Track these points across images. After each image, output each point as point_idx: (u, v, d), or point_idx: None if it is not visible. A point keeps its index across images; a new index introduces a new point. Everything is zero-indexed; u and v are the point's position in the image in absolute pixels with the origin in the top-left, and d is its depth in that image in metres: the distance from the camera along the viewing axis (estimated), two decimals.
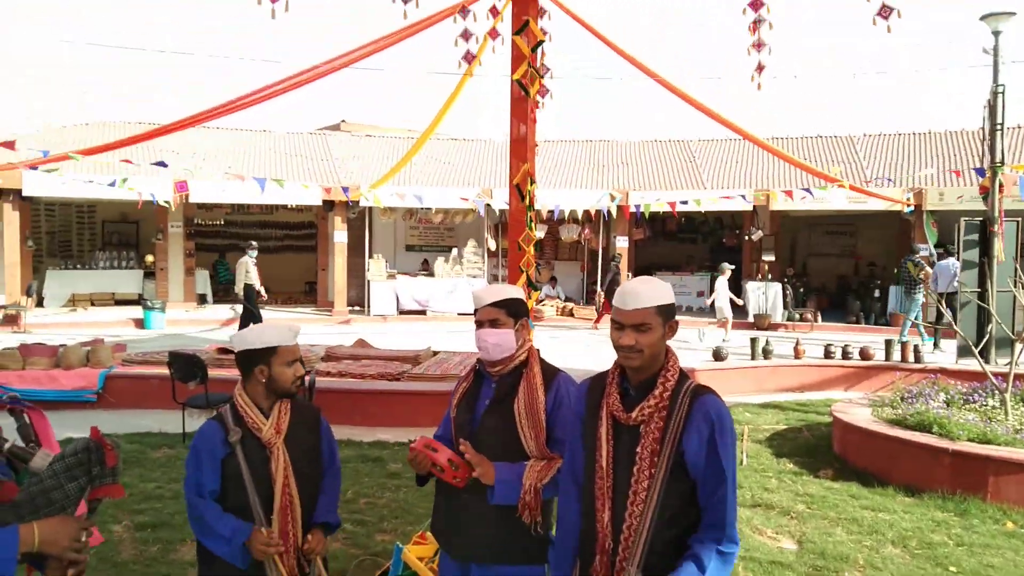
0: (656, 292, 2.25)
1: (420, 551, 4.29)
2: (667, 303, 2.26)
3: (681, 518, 2.18)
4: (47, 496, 2.18)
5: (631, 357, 2.23)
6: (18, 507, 2.13)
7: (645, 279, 2.32)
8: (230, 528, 2.69)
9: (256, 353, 2.78)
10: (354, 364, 9.89)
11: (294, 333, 2.86)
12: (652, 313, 2.22)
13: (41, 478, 2.19)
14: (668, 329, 2.26)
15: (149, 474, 6.52)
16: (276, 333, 2.81)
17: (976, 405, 7.21)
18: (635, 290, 2.24)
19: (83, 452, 2.24)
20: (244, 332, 2.85)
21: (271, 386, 2.80)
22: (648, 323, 2.22)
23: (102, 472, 2.25)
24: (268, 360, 2.77)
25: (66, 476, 2.20)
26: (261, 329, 2.84)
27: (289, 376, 2.80)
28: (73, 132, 18.24)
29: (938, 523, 5.64)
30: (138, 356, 10.00)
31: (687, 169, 20.27)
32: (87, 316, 16.74)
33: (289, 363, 2.80)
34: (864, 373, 10.97)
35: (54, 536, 2.00)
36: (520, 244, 8.26)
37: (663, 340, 2.25)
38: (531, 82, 7.97)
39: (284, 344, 2.80)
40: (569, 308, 19.32)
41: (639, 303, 2.22)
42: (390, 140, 21.76)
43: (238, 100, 8.92)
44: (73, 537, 2.04)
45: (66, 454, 2.24)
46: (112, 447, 2.27)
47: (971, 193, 15.02)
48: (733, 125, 10.38)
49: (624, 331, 2.24)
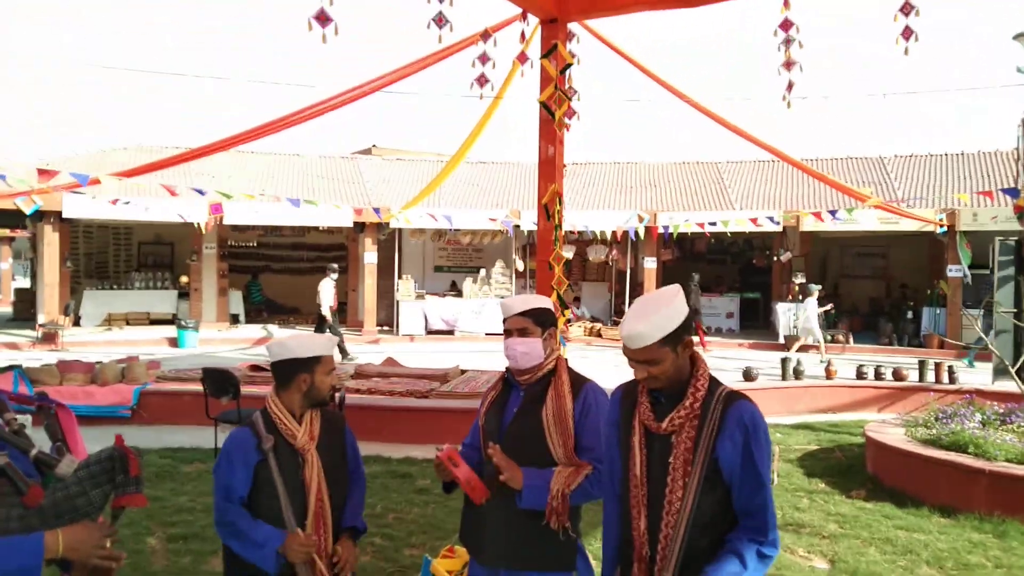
0: (656, 326, 2.18)
1: (448, 564, 4.30)
2: (671, 331, 2.19)
3: (716, 526, 2.18)
4: (72, 502, 2.21)
5: (650, 382, 2.25)
6: (43, 512, 2.16)
7: (643, 309, 2.24)
8: (263, 533, 2.70)
9: (300, 362, 2.81)
10: (383, 382, 9.96)
11: (333, 344, 2.95)
12: (656, 348, 2.19)
13: (66, 484, 2.22)
14: (682, 348, 2.22)
15: (181, 488, 6.61)
16: (318, 343, 2.87)
17: (1013, 426, 7.06)
18: (635, 331, 2.19)
19: (107, 460, 2.28)
20: (285, 340, 2.87)
21: (311, 394, 2.83)
22: (655, 358, 2.20)
23: (126, 480, 2.27)
24: (312, 368, 2.81)
25: (91, 483, 2.24)
26: (303, 339, 2.88)
27: (328, 385, 2.87)
28: (112, 156, 18.69)
29: (975, 544, 5.52)
30: (172, 373, 10.16)
31: (716, 190, 20.22)
32: (122, 335, 17.05)
33: (328, 372, 2.86)
34: (897, 394, 10.80)
35: (78, 543, 2.02)
36: (551, 263, 8.33)
37: (678, 361, 2.23)
38: (559, 104, 8.08)
39: (326, 354, 2.87)
40: (597, 329, 19.27)
41: (641, 342, 2.19)
42: (419, 164, 22.00)
43: (272, 123, 9.14)
44: (97, 544, 2.06)
45: (91, 461, 2.27)
46: (135, 456, 2.30)
47: (1006, 213, 14.81)
48: (764, 144, 10.40)
49: (637, 365, 2.25)
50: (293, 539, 2.71)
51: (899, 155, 20.13)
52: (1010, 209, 12.58)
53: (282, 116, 9.06)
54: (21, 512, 2.14)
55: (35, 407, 2.49)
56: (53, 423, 2.51)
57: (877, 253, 21.21)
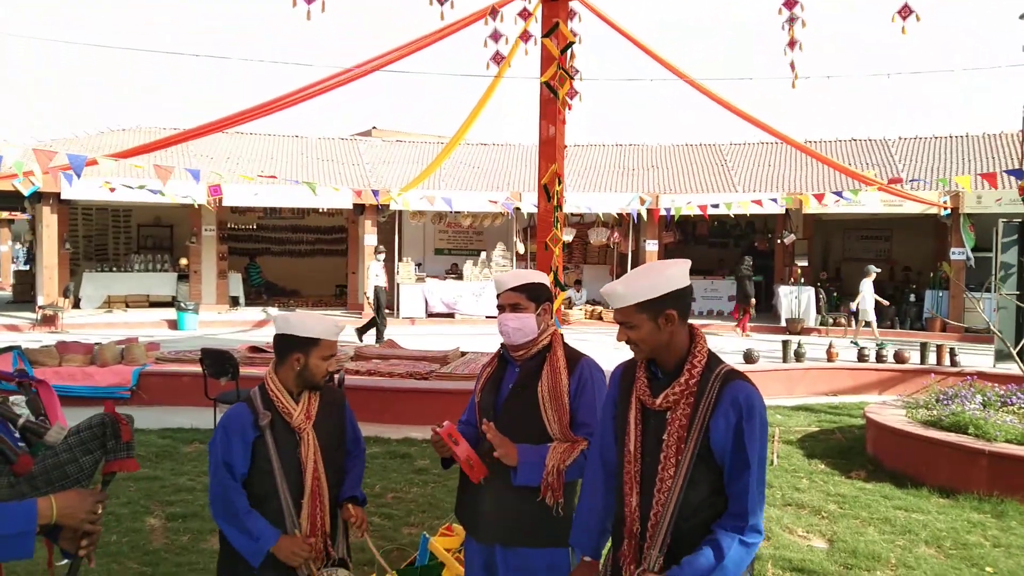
0: (635, 290, 2.18)
1: (447, 542, 4.30)
2: (649, 299, 2.17)
3: (708, 505, 2.15)
4: (62, 469, 2.20)
5: (634, 351, 2.26)
6: (33, 479, 2.16)
7: (634, 273, 2.26)
8: (260, 527, 2.67)
9: (297, 340, 2.75)
10: (383, 363, 9.95)
11: (338, 329, 2.85)
12: (632, 311, 2.19)
13: (56, 452, 2.21)
14: (663, 321, 2.18)
15: (180, 467, 6.62)
16: (321, 325, 2.78)
17: (1014, 407, 7.04)
18: (614, 290, 2.21)
19: (98, 426, 2.26)
20: (290, 315, 2.82)
21: (303, 375, 2.78)
22: (631, 321, 2.20)
23: (117, 446, 2.26)
24: (307, 350, 2.75)
25: (81, 450, 2.23)
26: (306, 318, 2.81)
27: (323, 370, 2.79)
28: (110, 137, 18.61)
29: (974, 524, 5.51)
30: (171, 354, 10.15)
31: (718, 172, 20.12)
32: (122, 317, 17.05)
33: (326, 357, 2.78)
34: (899, 377, 10.78)
35: (71, 509, 2.03)
36: (547, 244, 8.28)
37: (659, 332, 2.19)
38: (560, 84, 8.00)
39: (326, 338, 2.78)
40: (598, 311, 19.24)
41: (617, 303, 2.22)
42: (420, 145, 21.90)
43: (270, 103, 9.06)
44: (89, 510, 2.07)
45: (81, 428, 2.26)
46: (126, 422, 2.28)
47: (1010, 195, 14.73)
48: (766, 126, 10.29)
49: (619, 327, 2.26)
50: (288, 541, 2.68)
51: (903, 137, 20.02)
52: (1014, 191, 12.50)
53: (281, 96, 8.98)
54: (11, 480, 2.13)
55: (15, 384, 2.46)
56: (35, 400, 2.49)
57: (880, 236, 21.12)
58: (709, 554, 2.07)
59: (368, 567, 4.40)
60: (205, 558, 4.68)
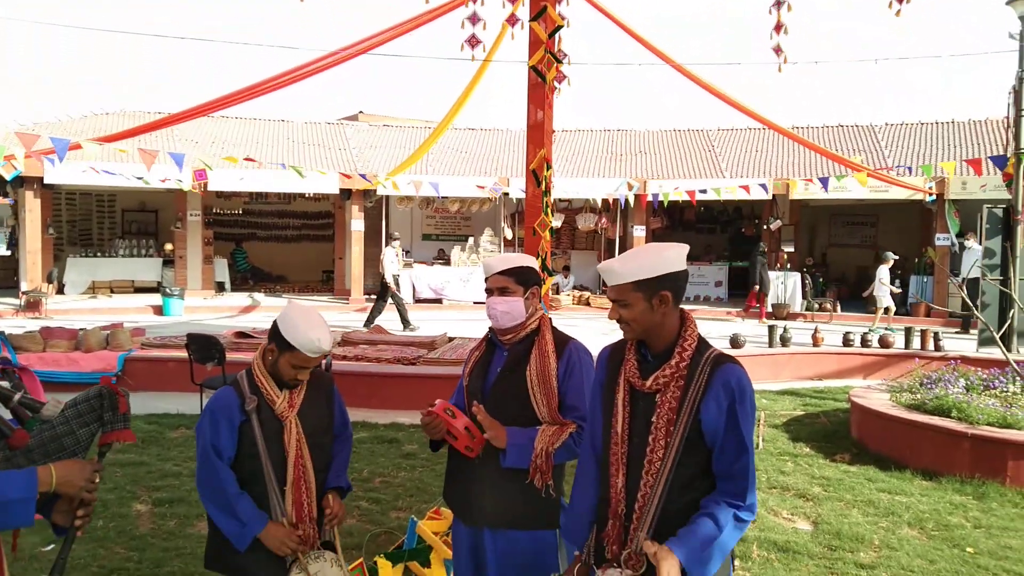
0: (632, 268, 2.19)
1: (434, 526, 4.32)
2: (645, 277, 2.17)
3: (695, 487, 2.17)
4: (59, 442, 2.23)
5: (624, 330, 2.25)
6: (30, 452, 2.18)
7: (632, 252, 2.27)
8: (248, 512, 2.67)
9: (278, 335, 2.72)
10: (370, 349, 9.94)
11: (319, 349, 2.70)
12: (628, 289, 2.19)
13: (53, 425, 2.23)
14: (657, 302, 2.18)
15: (167, 453, 6.60)
16: (304, 337, 2.67)
17: (996, 391, 7.12)
18: (611, 267, 2.22)
19: (95, 398, 2.29)
20: (290, 309, 2.74)
21: (272, 369, 2.76)
22: (625, 299, 2.20)
23: (113, 418, 2.29)
24: (282, 350, 2.71)
25: (78, 422, 2.26)
26: (299, 322, 2.70)
27: (291, 374, 2.74)
28: (93, 121, 18.40)
29: (956, 506, 5.59)
30: (157, 340, 10.10)
31: (706, 158, 20.13)
32: (107, 303, 16.91)
33: (295, 366, 2.73)
34: (883, 361, 10.87)
35: (70, 477, 2.07)
36: (535, 229, 8.28)
37: (651, 313, 2.19)
38: (548, 68, 7.96)
39: (302, 351, 2.68)
40: (585, 297, 19.27)
41: (613, 280, 2.22)
42: (407, 130, 21.76)
43: (256, 87, 8.98)
44: (88, 479, 2.10)
45: (78, 401, 2.28)
46: (123, 394, 2.32)
47: (994, 181, 14.81)
48: (752, 112, 10.31)
49: (612, 305, 2.26)
50: (276, 529, 2.68)
51: (889, 123, 20.07)
52: (999, 177, 12.57)
53: (266, 79, 8.90)
54: (7, 454, 2.16)
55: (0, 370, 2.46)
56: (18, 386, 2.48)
57: (866, 222, 21.22)
58: (708, 524, 2.08)
59: (356, 551, 4.41)
60: (192, 543, 4.67)
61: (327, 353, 2.80)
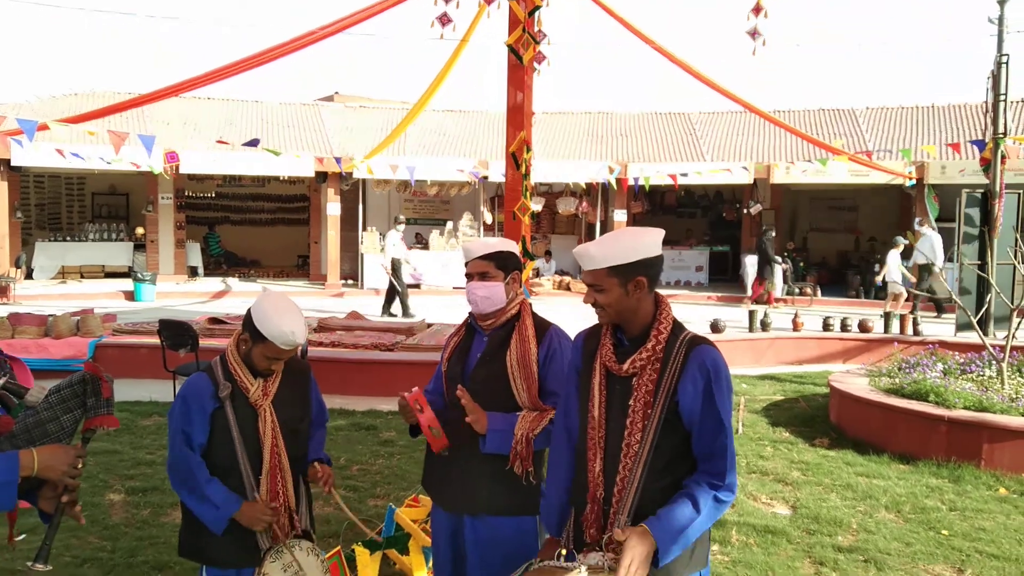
0: (607, 253, 2.18)
1: (413, 513, 4.27)
2: (620, 263, 2.16)
3: (673, 469, 2.16)
4: (43, 427, 2.25)
5: (600, 315, 2.25)
6: (14, 438, 2.19)
7: (608, 237, 2.25)
8: (221, 495, 2.63)
9: (251, 326, 2.66)
10: (347, 335, 9.83)
11: (293, 341, 2.63)
12: (603, 275, 2.19)
13: (36, 411, 2.25)
14: (633, 287, 2.17)
15: (140, 441, 6.49)
16: (278, 329, 2.59)
17: (973, 375, 7.17)
18: (587, 252, 2.22)
19: (78, 384, 2.31)
20: (263, 300, 2.67)
21: (246, 358, 2.71)
22: (600, 284, 2.20)
23: (97, 403, 2.32)
24: (255, 340, 2.65)
25: (61, 408, 2.27)
26: (272, 314, 2.62)
27: (264, 364, 2.69)
28: (63, 102, 18.01)
29: (932, 489, 5.62)
30: (128, 326, 9.92)
31: (687, 141, 20.11)
32: (77, 288, 16.64)
33: (268, 357, 2.67)
34: (863, 346, 10.93)
35: (52, 461, 2.08)
36: (515, 213, 8.18)
37: (626, 298, 2.18)
38: (527, 48, 7.84)
39: (275, 343, 2.62)
40: (566, 282, 19.24)
41: (589, 264, 2.22)
42: (384, 111, 21.51)
43: (229, 67, 8.78)
44: (70, 463, 2.11)
45: (61, 386, 2.30)
46: (107, 379, 2.33)
47: (973, 166, 14.91)
48: (735, 96, 10.25)
49: (587, 289, 2.26)
50: (250, 507, 2.64)
51: (870, 107, 20.16)
52: (977, 162, 12.65)
53: (240, 60, 8.70)
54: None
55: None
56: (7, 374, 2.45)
57: (846, 207, 21.34)
58: (687, 505, 2.07)
59: (333, 539, 4.35)
60: (166, 532, 4.59)
61: (300, 344, 2.73)
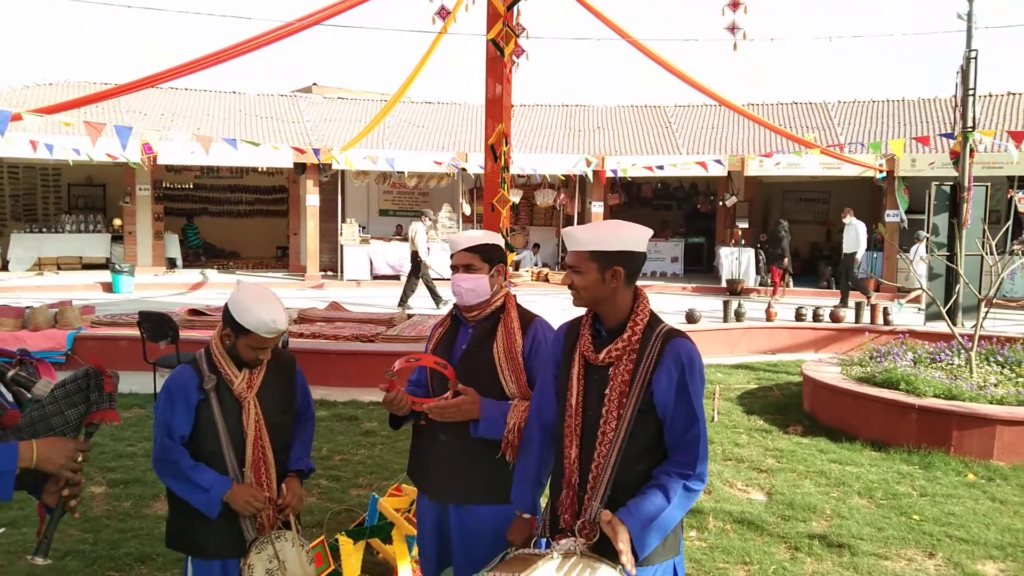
0: (594, 237, 2.26)
1: (396, 503, 4.32)
2: (605, 250, 2.23)
3: (647, 457, 2.22)
4: (47, 421, 2.26)
5: (574, 297, 2.31)
6: (20, 431, 2.20)
7: (597, 224, 2.35)
8: (208, 479, 2.65)
9: (232, 320, 2.68)
10: (328, 326, 9.85)
11: (275, 330, 2.66)
12: (584, 257, 2.25)
13: (43, 404, 2.27)
14: (609, 275, 2.23)
15: (121, 433, 6.47)
16: (259, 319, 2.62)
17: (942, 364, 7.35)
18: (572, 233, 2.29)
19: (83, 379, 2.32)
20: (240, 293, 2.68)
21: (232, 351, 2.73)
22: (579, 266, 2.26)
23: (100, 398, 2.33)
24: (237, 334, 2.67)
25: (66, 403, 2.29)
26: (250, 305, 2.65)
27: (251, 355, 2.71)
28: (36, 92, 17.75)
29: (903, 475, 5.77)
30: (107, 318, 9.87)
31: (663, 134, 20.24)
32: (54, 280, 16.45)
33: (253, 348, 2.69)
34: (835, 335, 11.12)
35: (51, 454, 2.08)
36: (494, 206, 8.23)
37: (602, 285, 2.24)
38: (506, 42, 7.88)
39: (258, 333, 2.64)
40: (544, 273, 19.33)
41: (572, 246, 2.29)
42: (363, 103, 21.41)
43: (206, 58, 8.72)
44: (70, 457, 2.11)
45: (66, 382, 2.31)
46: (110, 375, 2.35)
47: (943, 159, 15.19)
48: (708, 90, 10.35)
49: (566, 269, 2.32)
50: (242, 490, 2.66)
51: (842, 100, 20.40)
52: (947, 155, 12.88)
53: (216, 51, 8.64)
54: None
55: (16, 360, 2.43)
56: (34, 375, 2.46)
57: (818, 198, 21.61)
58: (657, 496, 2.13)
59: (316, 529, 4.39)
60: (149, 523, 4.61)
61: (284, 331, 2.76)
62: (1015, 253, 14.28)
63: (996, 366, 7.21)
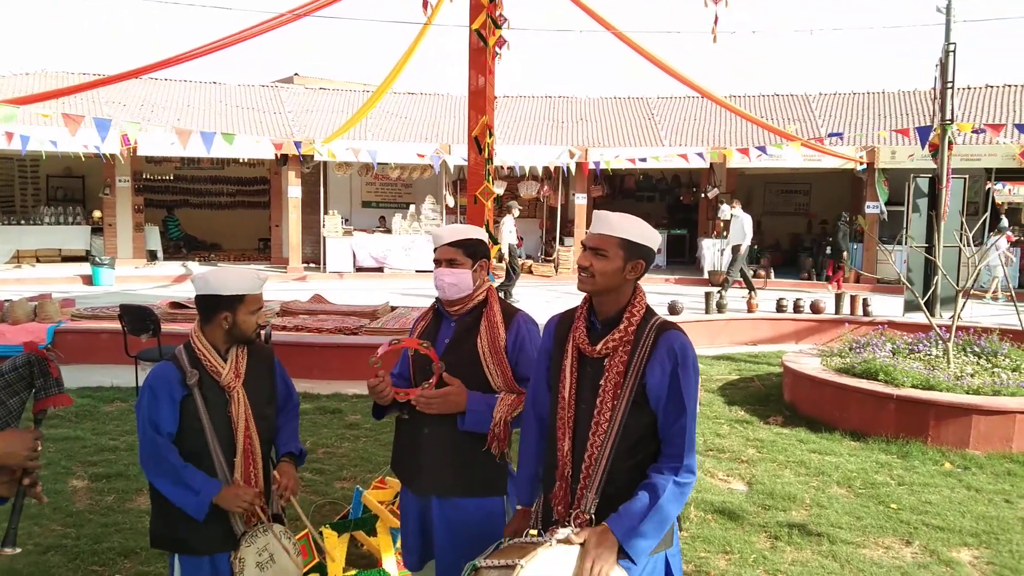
0: (627, 226, 2.27)
1: (380, 495, 4.33)
2: (635, 240, 2.26)
3: (641, 449, 2.23)
4: None
5: (584, 280, 2.29)
6: None
7: (629, 216, 2.34)
8: (199, 480, 2.64)
9: (222, 299, 2.69)
10: (311, 319, 9.81)
11: (261, 281, 2.78)
12: (613, 242, 2.25)
13: None
14: (631, 267, 2.26)
15: (102, 427, 6.44)
16: (244, 281, 2.71)
17: (921, 354, 7.45)
18: (607, 217, 2.30)
19: (24, 367, 2.24)
20: (207, 274, 2.71)
21: (233, 332, 2.73)
22: (605, 250, 2.25)
23: (46, 383, 2.26)
24: (234, 307, 2.69)
25: (6, 392, 2.21)
26: (227, 275, 2.72)
27: (252, 324, 2.75)
28: (12, 82, 17.50)
29: (881, 465, 5.86)
30: (87, 311, 9.78)
31: (645, 126, 20.29)
32: (33, 273, 16.28)
33: (253, 311, 2.73)
34: (815, 326, 11.23)
35: (12, 447, 2.04)
36: (478, 197, 8.23)
37: (621, 273, 2.26)
38: (490, 33, 7.86)
39: (251, 293, 2.72)
40: (528, 265, 19.34)
41: (603, 228, 2.28)
42: (345, 94, 21.29)
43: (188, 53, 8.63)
44: (31, 447, 2.08)
45: (4, 371, 2.24)
46: (52, 359, 2.27)
47: (922, 152, 15.34)
48: (690, 82, 10.38)
49: (585, 252, 2.30)
50: (233, 490, 2.66)
51: (823, 92, 20.55)
52: (926, 147, 13.02)
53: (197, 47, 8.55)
54: None
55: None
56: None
57: (800, 190, 21.79)
58: (644, 496, 2.15)
59: (301, 522, 4.38)
60: (131, 518, 4.59)
61: (265, 280, 2.84)
62: None
63: (973, 356, 7.33)
